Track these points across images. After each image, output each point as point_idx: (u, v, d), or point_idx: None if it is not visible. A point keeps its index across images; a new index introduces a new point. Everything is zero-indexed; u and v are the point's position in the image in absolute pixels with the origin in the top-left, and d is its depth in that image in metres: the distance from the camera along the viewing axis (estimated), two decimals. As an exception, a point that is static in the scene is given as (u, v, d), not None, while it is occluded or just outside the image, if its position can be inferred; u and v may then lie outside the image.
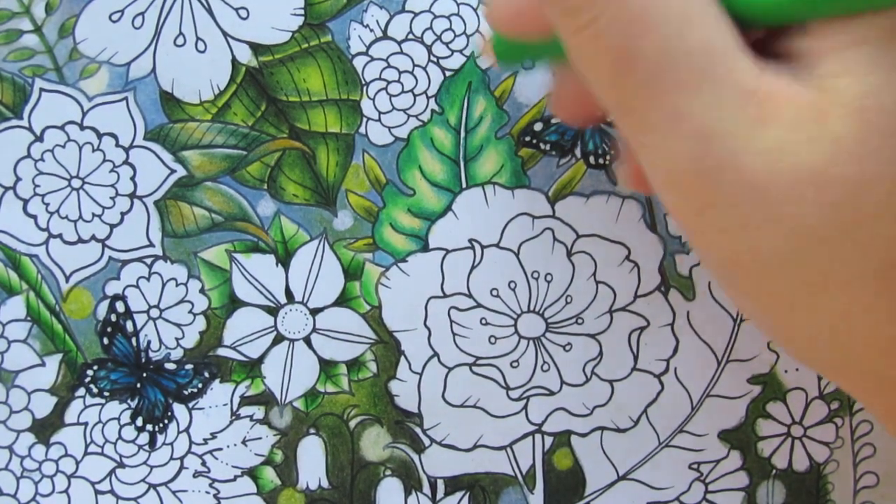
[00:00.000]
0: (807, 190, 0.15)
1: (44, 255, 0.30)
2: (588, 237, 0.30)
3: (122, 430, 0.31)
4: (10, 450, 0.31)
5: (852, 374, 0.17)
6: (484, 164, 0.30)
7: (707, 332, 0.30)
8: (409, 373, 0.30)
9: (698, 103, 0.15)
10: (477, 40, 0.25)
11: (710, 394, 0.30)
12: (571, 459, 0.31)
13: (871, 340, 0.16)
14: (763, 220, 0.15)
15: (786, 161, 0.15)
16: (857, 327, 0.16)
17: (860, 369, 0.16)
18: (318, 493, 0.31)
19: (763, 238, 0.15)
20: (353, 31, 0.30)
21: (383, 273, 0.30)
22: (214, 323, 0.30)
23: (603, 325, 0.30)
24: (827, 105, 0.14)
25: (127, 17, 0.30)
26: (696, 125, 0.15)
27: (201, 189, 0.30)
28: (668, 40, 0.15)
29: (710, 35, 0.15)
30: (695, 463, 0.31)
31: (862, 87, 0.14)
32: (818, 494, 0.31)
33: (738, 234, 0.16)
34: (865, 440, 0.31)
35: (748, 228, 0.15)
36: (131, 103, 0.30)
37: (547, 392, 0.30)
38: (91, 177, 0.30)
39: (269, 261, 0.30)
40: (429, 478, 0.31)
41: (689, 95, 0.15)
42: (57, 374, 0.30)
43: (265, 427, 0.31)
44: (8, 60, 0.30)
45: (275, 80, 0.30)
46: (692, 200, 0.16)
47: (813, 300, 0.16)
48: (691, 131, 0.15)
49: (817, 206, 0.15)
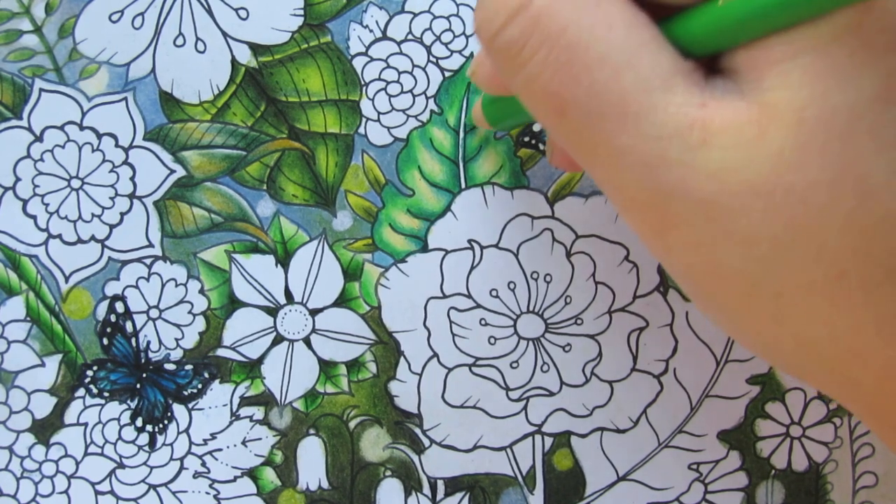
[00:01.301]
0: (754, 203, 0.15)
1: (43, 256, 0.30)
2: (587, 237, 0.30)
3: (122, 431, 0.31)
4: (10, 450, 0.31)
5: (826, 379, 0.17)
6: (483, 164, 0.30)
7: (706, 332, 0.30)
8: (409, 373, 0.30)
9: (639, 138, 0.15)
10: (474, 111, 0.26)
11: (709, 394, 0.30)
12: (571, 460, 0.31)
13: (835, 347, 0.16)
14: (716, 236, 0.15)
15: (731, 178, 0.15)
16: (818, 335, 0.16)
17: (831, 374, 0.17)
18: (318, 493, 0.31)
19: (720, 253, 0.16)
20: (353, 31, 0.30)
21: (383, 273, 0.30)
22: (214, 323, 0.30)
23: (602, 326, 0.30)
24: (767, 120, 0.15)
25: (127, 17, 0.30)
26: (639, 157, 0.16)
27: (201, 189, 0.30)
28: (600, 84, 0.15)
29: (646, 73, 0.15)
30: (694, 463, 0.31)
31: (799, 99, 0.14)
32: (817, 494, 0.31)
33: (696, 252, 0.16)
34: (864, 440, 0.31)
35: (704, 245, 0.16)
36: (131, 103, 0.30)
37: (547, 393, 0.30)
38: (91, 177, 0.30)
39: (268, 261, 0.30)
40: (429, 478, 0.31)
41: (628, 132, 0.15)
42: (57, 375, 0.30)
43: (265, 428, 0.31)
44: (8, 61, 0.30)
45: (274, 81, 0.30)
46: (649, 224, 0.17)
47: (773, 310, 0.16)
48: (636, 163, 0.16)
49: (766, 216, 0.15)
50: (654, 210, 0.16)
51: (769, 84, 0.15)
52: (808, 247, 0.15)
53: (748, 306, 0.16)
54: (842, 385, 0.17)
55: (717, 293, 0.17)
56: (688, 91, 0.15)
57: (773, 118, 0.15)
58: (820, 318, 0.16)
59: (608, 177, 0.17)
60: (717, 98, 0.15)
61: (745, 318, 0.17)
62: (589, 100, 0.16)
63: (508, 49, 0.16)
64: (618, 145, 0.16)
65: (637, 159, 0.16)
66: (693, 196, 0.15)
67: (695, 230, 0.16)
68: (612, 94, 0.15)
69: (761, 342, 0.17)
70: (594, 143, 0.16)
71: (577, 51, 0.16)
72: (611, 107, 0.15)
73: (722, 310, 0.17)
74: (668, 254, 0.17)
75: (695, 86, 0.15)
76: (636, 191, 0.16)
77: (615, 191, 0.17)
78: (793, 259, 0.15)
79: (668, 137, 0.15)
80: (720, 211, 0.15)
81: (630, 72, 0.15)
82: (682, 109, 0.15)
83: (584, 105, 0.16)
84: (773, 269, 0.15)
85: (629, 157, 0.16)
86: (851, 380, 0.16)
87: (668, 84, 0.15)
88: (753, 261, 0.15)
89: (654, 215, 0.16)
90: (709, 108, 0.15)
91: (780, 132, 0.14)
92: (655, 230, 0.17)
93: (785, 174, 0.15)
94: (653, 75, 0.15)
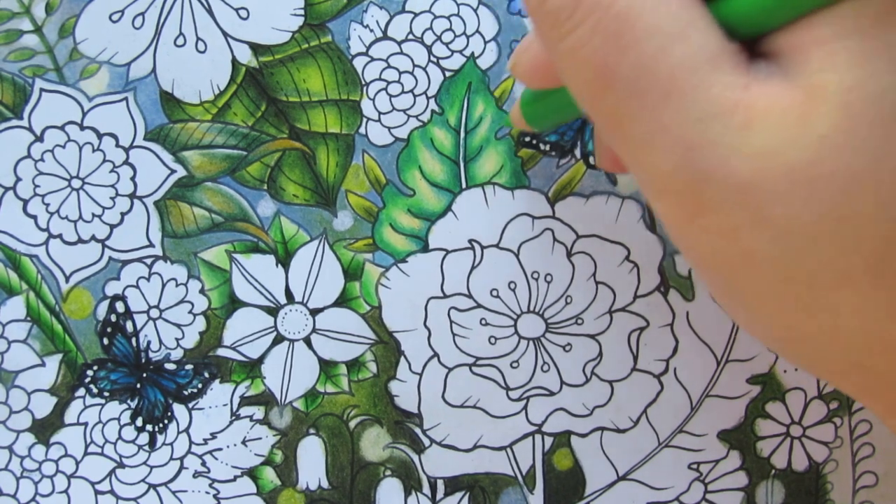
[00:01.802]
0: (794, 189, 0.14)
1: (44, 256, 0.30)
2: (588, 237, 0.30)
3: (122, 431, 0.31)
4: (10, 450, 0.31)
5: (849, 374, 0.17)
6: (484, 164, 0.30)
7: (706, 332, 0.30)
8: (409, 373, 0.30)
9: (681, 117, 0.15)
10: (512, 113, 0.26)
11: (709, 394, 0.30)
12: (571, 460, 0.31)
13: (866, 339, 0.16)
14: (753, 222, 0.15)
15: (772, 163, 0.15)
16: (850, 326, 0.15)
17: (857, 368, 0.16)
18: (318, 493, 0.31)
19: (754, 240, 0.15)
20: (354, 31, 0.30)
21: (383, 273, 0.30)
22: (214, 323, 0.30)
23: (603, 326, 0.30)
24: (812, 103, 0.14)
25: (127, 17, 0.30)
26: (679, 137, 0.15)
27: (201, 189, 0.30)
28: (648, 57, 0.15)
29: (694, 50, 0.15)
30: (694, 463, 0.31)
31: (845, 81, 0.14)
32: (817, 494, 0.31)
33: (729, 239, 0.16)
34: (864, 440, 0.31)
35: (739, 232, 0.15)
36: (131, 103, 0.30)
37: (547, 392, 0.30)
38: (91, 177, 0.30)
39: (269, 261, 0.30)
40: (429, 478, 0.31)
41: (670, 110, 0.15)
42: (57, 375, 0.30)
43: (265, 427, 0.31)
44: (8, 61, 0.30)
45: (275, 81, 0.30)
46: (682, 209, 0.16)
47: (804, 300, 0.16)
48: (675, 143, 0.15)
49: (806, 204, 0.14)
50: (688, 193, 0.16)
51: (815, 66, 0.14)
52: (846, 236, 0.14)
53: (777, 296, 0.16)
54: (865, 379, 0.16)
55: (743, 282, 0.16)
56: (733, 72, 0.15)
57: (818, 101, 0.14)
58: (853, 308, 0.15)
59: (644, 156, 0.16)
60: (761, 80, 0.15)
61: (772, 309, 0.16)
62: (635, 73, 0.15)
63: (557, 14, 0.16)
64: (659, 123, 0.15)
65: (677, 139, 0.15)
66: (731, 179, 0.15)
67: (728, 217, 0.15)
68: (659, 69, 0.15)
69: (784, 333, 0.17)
70: (634, 120, 0.16)
71: (627, 21, 0.15)
72: (656, 82, 0.15)
73: (744, 300, 0.17)
74: (695, 242, 0.16)
75: (740, 67, 0.15)
76: (672, 172, 0.16)
77: (649, 172, 0.16)
78: (829, 248, 0.15)
79: (711, 118, 0.15)
80: (758, 196, 0.15)
81: (678, 47, 0.15)
82: (726, 90, 0.15)
83: (630, 78, 0.15)
84: (808, 258, 0.15)
85: (669, 137, 0.15)
86: (878, 374, 0.16)
87: (714, 63, 0.15)
88: (788, 248, 0.15)
89: (687, 198, 0.16)
90: (753, 90, 0.15)
91: (825, 116, 0.14)
92: (687, 214, 0.16)
93: (828, 159, 0.14)
94: (700, 53, 0.15)
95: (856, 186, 0.14)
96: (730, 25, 0.15)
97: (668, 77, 0.15)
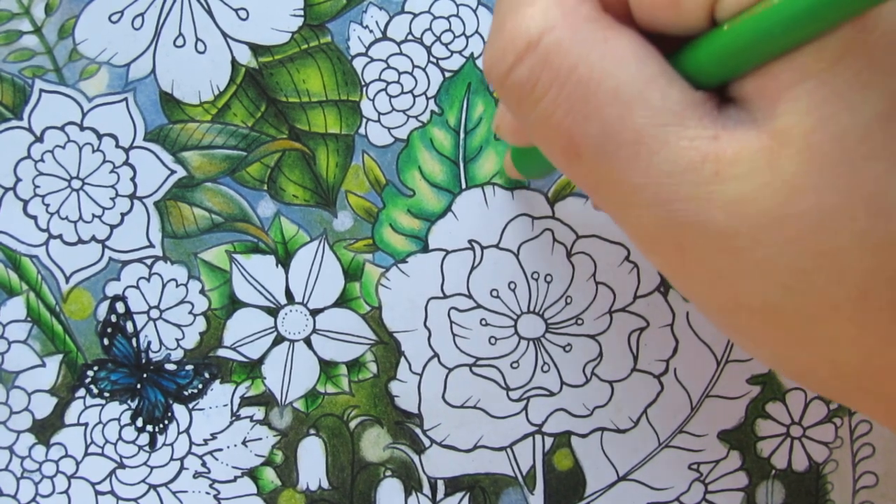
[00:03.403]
0: (771, 231, 0.15)
1: (44, 256, 0.30)
2: (588, 238, 0.30)
3: (123, 431, 0.31)
4: (10, 450, 0.31)
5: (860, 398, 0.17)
6: (483, 164, 0.30)
7: (706, 332, 0.30)
8: (410, 373, 0.30)
9: (652, 175, 0.15)
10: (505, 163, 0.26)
11: (709, 394, 0.30)
12: (571, 460, 0.31)
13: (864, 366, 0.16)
14: (736, 268, 0.15)
15: (747, 209, 0.15)
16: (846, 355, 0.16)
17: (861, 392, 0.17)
18: (319, 493, 0.31)
19: (740, 285, 0.16)
20: (353, 32, 0.30)
21: (383, 274, 0.30)
22: (214, 324, 0.30)
23: (603, 326, 0.30)
24: (778, 147, 0.15)
25: (127, 17, 0.30)
26: (654, 195, 0.15)
27: (201, 190, 0.30)
28: (612, 122, 0.15)
29: (656, 109, 0.15)
30: (694, 463, 0.31)
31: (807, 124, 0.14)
32: (817, 494, 0.31)
33: (717, 285, 0.16)
34: (864, 440, 0.31)
35: (724, 279, 0.16)
36: (131, 104, 0.30)
37: (547, 393, 0.30)
38: (91, 178, 0.30)
39: (269, 261, 0.30)
40: (429, 478, 0.31)
41: (640, 171, 0.15)
42: (57, 375, 0.30)
43: (265, 428, 0.31)
44: (8, 61, 0.30)
45: (274, 81, 0.30)
46: (668, 259, 0.17)
47: (797, 335, 0.16)
48: (651, 201, 0.16)
49: (784, 244, 0.15)
50: (672, 246, 0.16)
51: (779, 110, 0.15)
52: (828, 271, 0.15)
53: (776, 335, 0.16)
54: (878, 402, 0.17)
55: (743, 325, 0.17)
56: (700, 124, 0.15)
57: (784, 144, 0.14)
58: (849, 339, 0.15)
59: (625, 215, 0.16)
60: (729, 129, 0.15)
61: (775, 346, 0.17)
62: (602, 138, 0.15)
63: (519, 89, 0.16)
64: (631, 184, 0.16)
65: (651, 196, 0.15)
66: (709, 229, 0.15)
67: (714, 263, 0.16)
68: (625, 130, 0.15)
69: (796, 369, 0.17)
70: (609, 182, 0.16)
71: (589, 87, 0.15)
72: (623, 144, 0.15)
73: (745, 337, 0.17)
74: (689, 289, 0.17)
75: (707, 117, 0.15)
76: (653, 228, 0.16)
77: (632, 228, 0.17)
78: (815, 284, 0.15)
79: (681, 173, 0.15)
80: (737, 242, 0.15)
81: (640, 109, 0.15)
82: (694, 143, 0.15)
83: (598, 143, 0.16)
84: (794, 295, 0.15)
85: (644, 195, 0.15)
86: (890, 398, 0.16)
87: (679, 118, 0.15)
88: (776, 290, 0.15)
89: (671, 251, 0.16)
90: (721, 139, 0.15)
91: (791, 158, 0.14)
92: (674, 266, 0.16)
93: (798, 200, 0.14)
94: (664, 109, 0.15)
95: (830, 222, 0.14)
96: (692, 77, 0.16)
97: (633, 139, 0.15)
